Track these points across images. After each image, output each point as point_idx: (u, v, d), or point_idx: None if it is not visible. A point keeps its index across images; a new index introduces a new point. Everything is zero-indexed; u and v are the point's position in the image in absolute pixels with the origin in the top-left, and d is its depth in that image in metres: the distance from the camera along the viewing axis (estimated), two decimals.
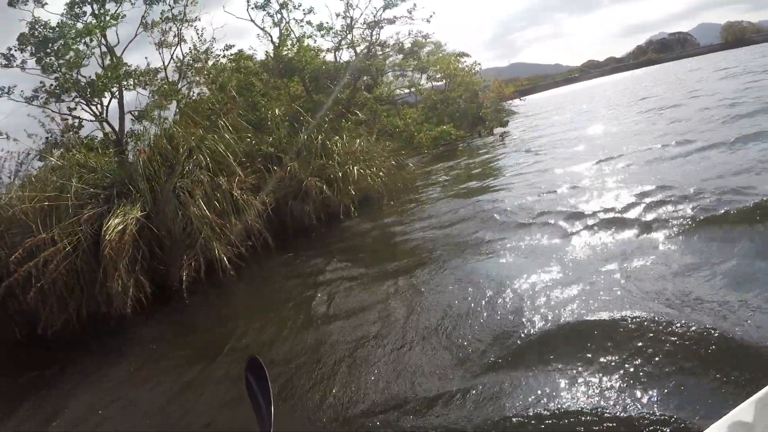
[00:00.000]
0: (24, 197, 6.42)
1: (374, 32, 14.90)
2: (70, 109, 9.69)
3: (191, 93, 11.89)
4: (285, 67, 11.19)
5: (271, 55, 12.12)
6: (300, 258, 6.34)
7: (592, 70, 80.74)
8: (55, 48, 8.55)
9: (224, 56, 13.54)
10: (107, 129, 10.63)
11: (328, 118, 9.51)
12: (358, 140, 9.30)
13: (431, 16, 16.26)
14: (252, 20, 13.25)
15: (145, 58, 13.04)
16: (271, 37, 13.32)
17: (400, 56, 20.04)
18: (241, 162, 7.52)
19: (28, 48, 8.57)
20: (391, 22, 14.70)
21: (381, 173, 8.20)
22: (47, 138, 9.77)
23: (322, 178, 7.48)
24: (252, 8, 13.19)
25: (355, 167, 7.66)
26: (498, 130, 17.31)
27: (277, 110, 8.49)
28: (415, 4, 14.78)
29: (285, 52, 12.12)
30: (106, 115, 10.43)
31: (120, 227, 5.80)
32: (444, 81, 20.07)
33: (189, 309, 5.71)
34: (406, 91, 19.25)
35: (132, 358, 4.68)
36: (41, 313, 5.98)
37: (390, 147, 12.74)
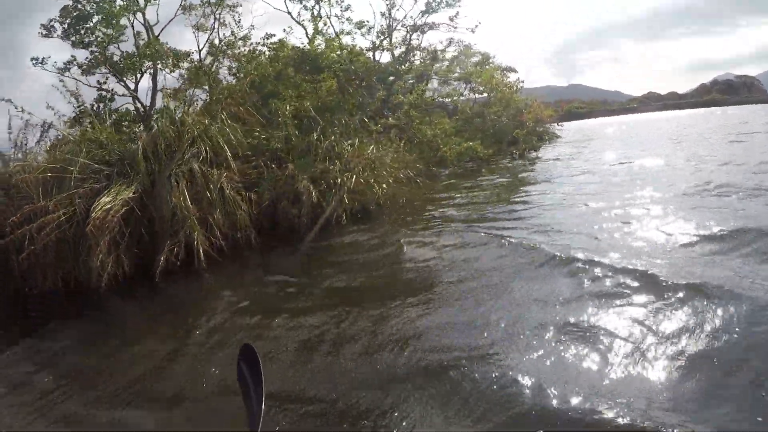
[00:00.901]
0: (30, 167, 6.69)
1: (414, 36, 14.81)
2: (99, 82, 10.02)
3: (221, 79, 12.13)
4: (312, 63, 11.17)
5: (303, 48, 12.13)
6: (277, 261, 6.32)
7: (652, 102, 77.47)
8: (90, 25, 8.87)
9: (263, 44, 13.80)
10: (138, 105, 11.04)
11: (345, 120, 9.42)
12: (372, 146, 9.20)
13: (476, 26, 16.01)
14: (288, 12, 13.35)
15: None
16: (306, 30, 13.43)
17: (445, 63, 19.90)
18: (245, 156, 7.61)
19: (67, 21, 8.92)
20: (432, 27, 14.55)
21: (384, 185, 8.04)
22: (79, 108, 10.22)
23: (321, 182, 7.44)
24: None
25: (354, 175, 7.56)
26: (531, 154, 16.75)
27: (288, 106, 8.45)
28: (457, 12, 14.49)
29: (316, 46, 12.14)
30: (136, 91, 10.78)
31: (108, 206, 5.97)
32: (486, 94, 19.76)
33: (163, 293, 5.79)
34: (447, 100, 19.03)
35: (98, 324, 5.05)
36: (31, 275, 6.36)
37: (410, 157, 12.62)
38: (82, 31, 9.01)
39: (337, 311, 4.13)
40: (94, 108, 10.39)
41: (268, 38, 13.86)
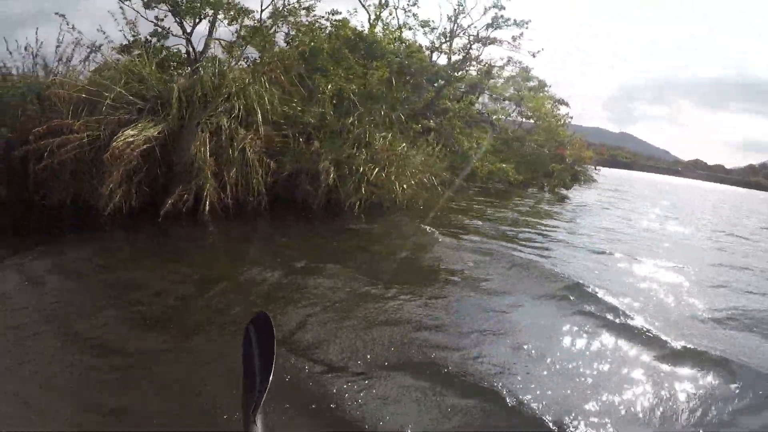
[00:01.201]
0: (67, 83, 6.75)
1: (475, 46, 14.57)
2: (157, 18, 10.07)
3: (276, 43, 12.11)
4: (367, 48, 11.06)
5: (361, 31, 12.01)
6: (281, 231, 6.26)
7: (697, 169, 75.68)
8: None
9: (327, 19, 13.73)
10: (190, 49, 11.08)
11: (384, 111, 9.29)
12: (403, 144, 9.06)
13: (538, 52, 15.67)
14: None
15: None
16: (369, 15, 13.31)
17: (500, 81, 19.60)
18: (277, 123, 7.54)
19: None
20: (493, 42, 14.28)
21: (405, 185, 7.90)
22: (133, 38, 10.31)
23: (344, 167, 7.34)
24: None
25: (377, 168, 7.44)
26: (561, 191, 16.36)
27: (330, 85, 8.36)
28: (522, 33, 14.17)
29: (375, 32, 12.02)
30: (191, 35, 10.81)
31: (130, 139, 5.99)
32: (533, 120, 19.43)
33: (164, 233, 5.79)
34: (494, 117, 18.72)
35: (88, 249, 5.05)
36: (45, 186, 6.47)
37: (442, 164, 12.44)
38: None
39: (317, 290, 4.04)
40: (148, 41, 10.49)
41: (333, 14, 13.87)
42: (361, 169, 7.23)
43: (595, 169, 25.02)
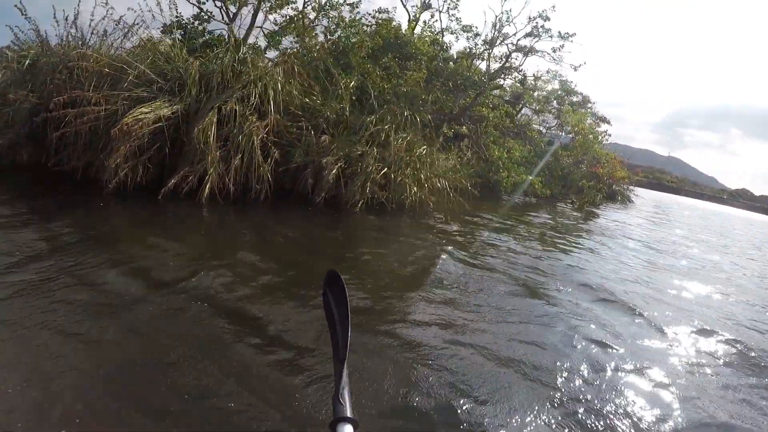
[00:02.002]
0: (91, 57, 6.90)
1: (515, 55, 14.21)
2: (199, 1, 10.23)
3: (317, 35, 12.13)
4: (400, 48, 10.94)
5: (397, 31, 11.89)
6: (278, 221, 6.21)
7: (742, 199, 72.16)
8: None
9: (373, 16, 13.68)
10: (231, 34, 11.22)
11: (407, 113, 9.15)
12: (424, 146, 8.89)
13: (580, 66, 15.17)
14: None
15: None
16: (409, 15, 13.16)
17: (543, 93, 19.17)
18: (294, 113, 7.51)
19: None
20: (533, 51, 13.87)
21: (416, 188, 7.73)
22: (176, 18, 10.52)
23: (357, 164, 7.23)
24: None
25: (384, 168, 7.31)
26: (589, 208, 15.76)
27: (353, 82, 8.28)
28: (563, 45, 13.69)
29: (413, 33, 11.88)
30: (231, 22, 10.94)
31: (141, 116, 6.07)
32: (572, 135, 18.90)
33: (162, 209, 5.85)
34: (529, 130, 18.30)
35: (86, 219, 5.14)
36: (60, 152, 6.67)
37: (467, 170, 12.20)
38: None
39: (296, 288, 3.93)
40: (190, 23, 10.68)
41: (380, 12, 13.81)
42: (370, 167, 7.08)
43: (632, 188, 24.19)
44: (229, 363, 2.65)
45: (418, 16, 13.35)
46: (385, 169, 7.34)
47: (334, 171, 6.67)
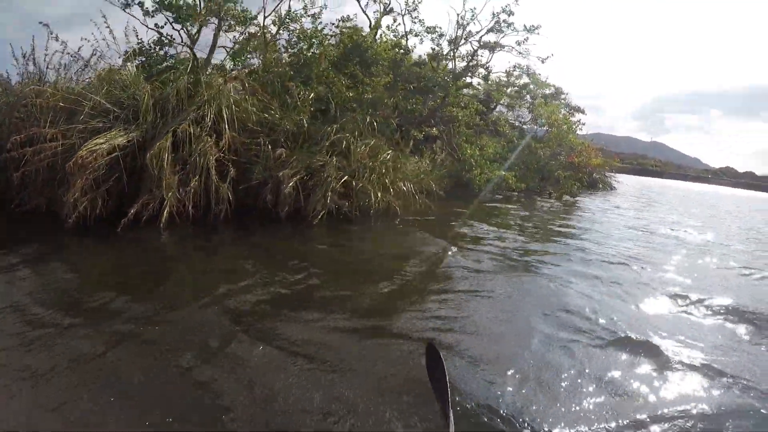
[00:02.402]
0: (46, 92, 6.96)
1: (480, 52, 14.40)
2: (157, 25, 10.33)
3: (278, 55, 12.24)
4: (360, 55, 11.06)
5: (356, 38, 12.02)
6: (237, 241, 6.27)
7: (726, 177, 72.99)
8: None
9: (337, 26, 13.77)
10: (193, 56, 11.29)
11: (369, 119, 9.24)
12: (389, 151, 8.98)
13: (547, 58, 15.39)
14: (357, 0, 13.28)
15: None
16: (370, 21, 13.32)
17: (515, 88, 19.39)
18: (254, 130, 7.59)
19: None
20: (495, 47, 14.06)
21: (379, 193, 7.78)
22: (138, 45, 10.59)
23: (320, 174, 7.30)
24: None
25: (345, 176, 7.39)
26: (568, 198, 15.85)
27: (311, 93, 8.39)
28: (527, 38, 13.90)
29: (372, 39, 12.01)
30: (192, 44, 11.02)
31: (96, 148, 6.12)
32: (546, 128, 19.09)
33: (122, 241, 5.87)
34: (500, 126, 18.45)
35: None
36: (22, 193, 6.72)
37: (439, 172, 12.30)
38: None
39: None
40: (150, 49, 10.76)
41: (343, 21, 13.92)
42: (330, 177, 7.15)
43: (613, 175, 24.46)
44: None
45: (378, 21, 13.50)
46: (346, 177, 7.40)
47: (291, 184, 6.71)
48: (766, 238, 11.96)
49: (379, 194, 7.71)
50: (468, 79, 14.88)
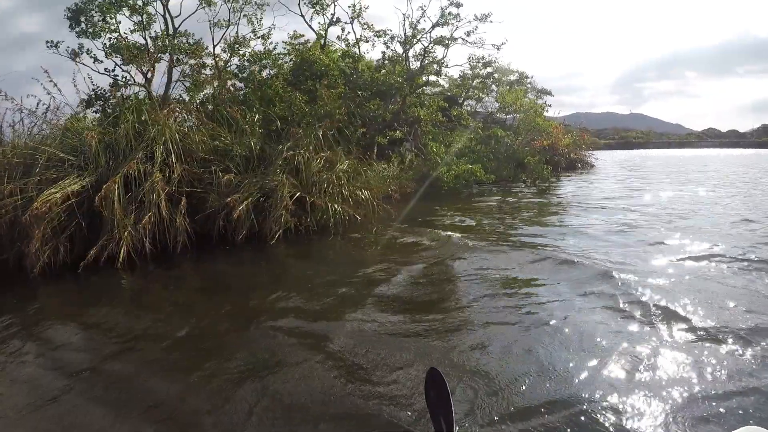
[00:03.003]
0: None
1: (431, 48, 14.66)
2: (108, 70, 10.60)
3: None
4: (308, 69, 11.34)
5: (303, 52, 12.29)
6: (194, 273, 6.51)
7: (710, 138, 73.08)
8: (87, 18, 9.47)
9: (289, 43, 14.01)
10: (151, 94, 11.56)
11: (331, 133, 9.49)
12: (346, 161, 9.20)
13: (502, 44, 15.65)
14: (301, 15, 13.56)
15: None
16: (317, 34, 13.60)
17: (478, 80, 19.59)
18: (204, 159, 7.85)
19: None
20: (452, 40, 14.31)
21: (336, 205, 7.97)
22: (94, 90, 10.85)
23: (277, 195, 7.51)
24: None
25: (297, 193, 7.63)
26: (545, 183, 15.93)
27: (256, 116, 8.65)
28: (476, 27, 14.19)
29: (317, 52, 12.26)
30: (146, 82, 11.26)
31: (50, 198, 6.36)
32: (514, 115, 19.33)
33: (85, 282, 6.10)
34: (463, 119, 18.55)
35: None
36: None
37: (406, 174, 12.50)
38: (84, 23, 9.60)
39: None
40: (107, 94, 11.00)
41: (295, 37, 14.18)
42: (282, 195, 7.37)
43: (591, 154, 24.67)
44: None
45: (324, 32, 13.79)
46: (299, 193, 7.62)
47: (241, 208, 6.94)
48: None
49: (336, 206, 7.90)
50: (426, 78, 15.09)
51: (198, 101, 10.36)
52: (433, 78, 15.23)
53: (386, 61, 15.39)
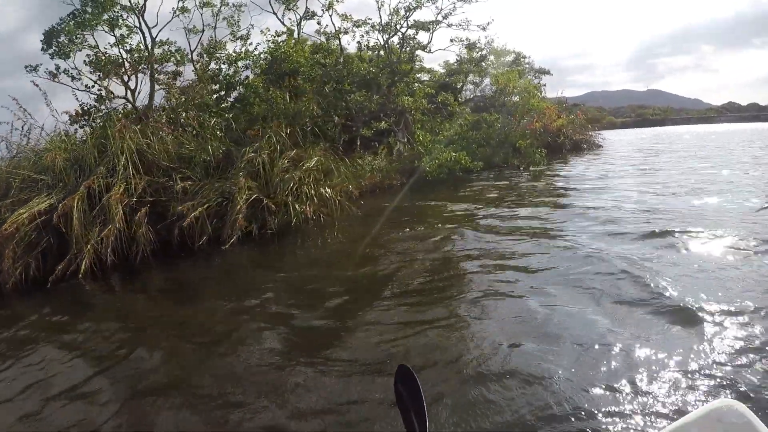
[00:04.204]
0: None
1: (411, 32, 14.63)
2: (87, 86, 10.97)
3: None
4: (278, 67, 11.48)
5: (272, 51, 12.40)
6: (158, 281, 6.79)
7: (730, 113, 68.90)
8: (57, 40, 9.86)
9: (271, 41, 14.08)
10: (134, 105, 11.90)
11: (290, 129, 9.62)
12: (315, 158, 9.31)
13: (488, 24, 15.49)
14: (274, 13, 13.66)
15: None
16: (290, 30, 13.69)
17: (472, 65, 19.38)
18: (171, 167, 8.12)
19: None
20: (423, 26, 14.24)
21: (297, 205, 8.08)
22: (81, 107, 11.27)
23: (236, 199, 7.71)
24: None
25: (253, 195, 7.80)
26: (539, 168, 15.44)
27: (214, 120, 8.87)
28: (452, 10, 14.11)
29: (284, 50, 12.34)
30: (130, 95, 11.58)
31: (18, 218, 6.75)
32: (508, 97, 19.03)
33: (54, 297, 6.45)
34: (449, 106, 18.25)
35: None
36: None
37: (391, 166, 12.52)
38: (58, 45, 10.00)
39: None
40: (93, 108, 11.38)
41: (277, 35, 14.27)
42: (237, 197, 7.55)
43: (598, 134, 23.88)
44: None
45: (296, 27, 13.88)
46: (255, 195, 7.78)
47: (194, 214, 7.16)
48: None
49: (297, 206, 8.02)
50: (411, 65, 15.06)
51: (167, 108, 10.56)
52: (426, 65, 15.15)
53: (368, 51, 15.41)
